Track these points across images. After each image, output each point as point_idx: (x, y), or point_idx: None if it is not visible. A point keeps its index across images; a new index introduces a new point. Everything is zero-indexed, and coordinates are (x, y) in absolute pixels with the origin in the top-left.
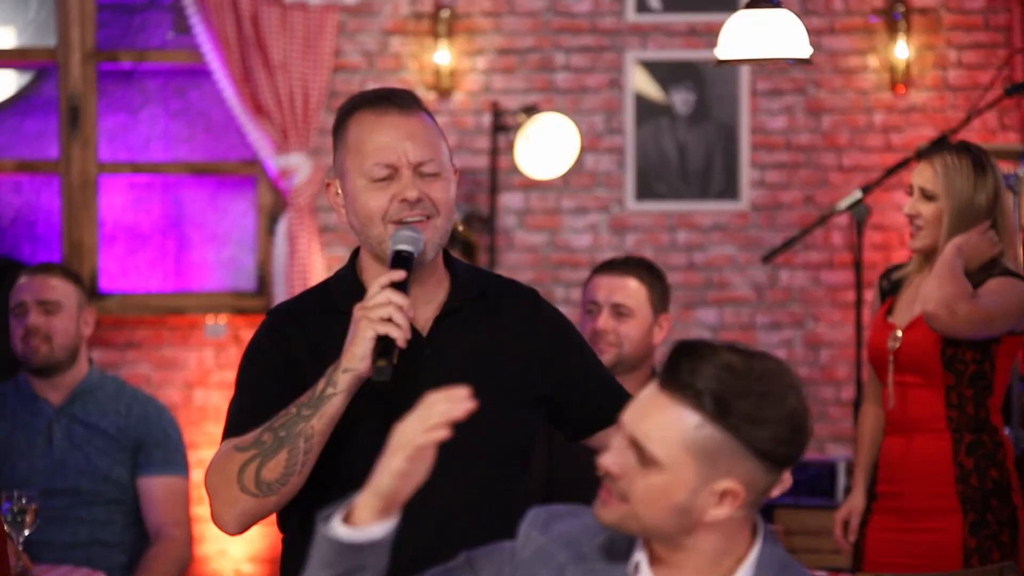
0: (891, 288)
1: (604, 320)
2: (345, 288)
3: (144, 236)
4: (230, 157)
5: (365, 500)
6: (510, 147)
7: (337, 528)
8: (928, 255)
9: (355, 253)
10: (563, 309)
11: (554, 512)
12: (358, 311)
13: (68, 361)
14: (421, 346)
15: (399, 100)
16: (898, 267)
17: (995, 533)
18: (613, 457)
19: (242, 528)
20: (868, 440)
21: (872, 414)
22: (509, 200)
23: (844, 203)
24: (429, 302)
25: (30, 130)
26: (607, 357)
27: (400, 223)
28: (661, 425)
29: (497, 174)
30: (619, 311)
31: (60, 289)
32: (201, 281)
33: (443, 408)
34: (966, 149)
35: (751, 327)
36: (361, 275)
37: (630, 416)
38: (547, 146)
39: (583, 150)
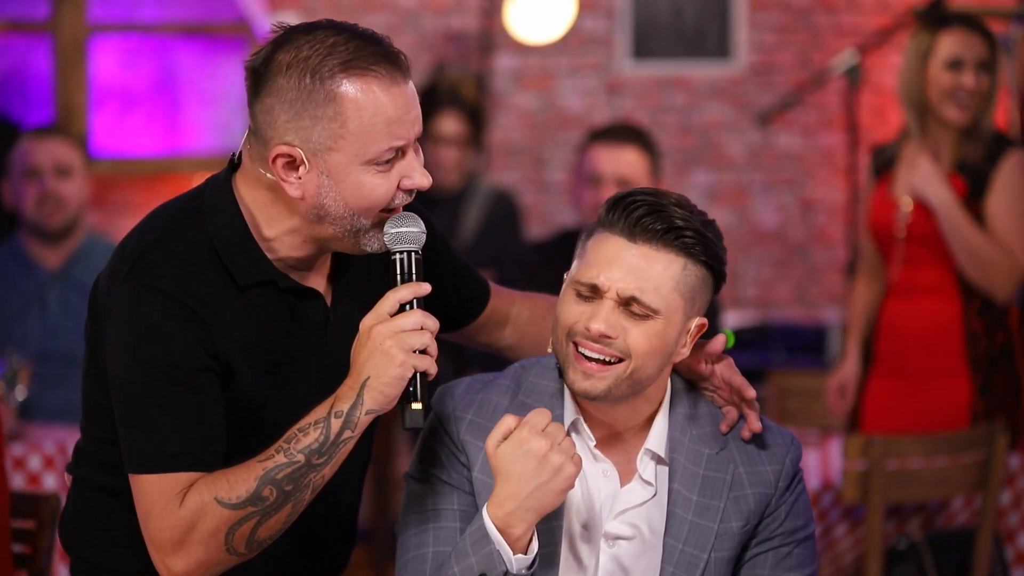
0: (885, 163)
1: (611, 194)
2: (241, 258)
3: (135, 97)
4: (221, 17)
5: (528, 524)
6: (503, 7)
7: (519, 561)
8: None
9: (226, 177)
10: (557, 173)
11: (464, 387)
12: (386, 338)
13: (75, 225)
14: (327, 314)
15: (397, 59)
16: (886, 146)
17: (1001, 397)
18: (604, 320)
19: None
20: (862, 311)
21: (866, 286)
22: (502, 62)
23: (840, 65)
24: (322, 265)
25: None
26: None
27: (387, 211)
28: (653, 276)
29: (492, 35)
30: (623, 183)
31: (72, 154)
32: (193, 142)
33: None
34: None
35: (745, 190)
36: (265, 238)
37: (612, 277)
38: (541, 5)
39: (576, 9)
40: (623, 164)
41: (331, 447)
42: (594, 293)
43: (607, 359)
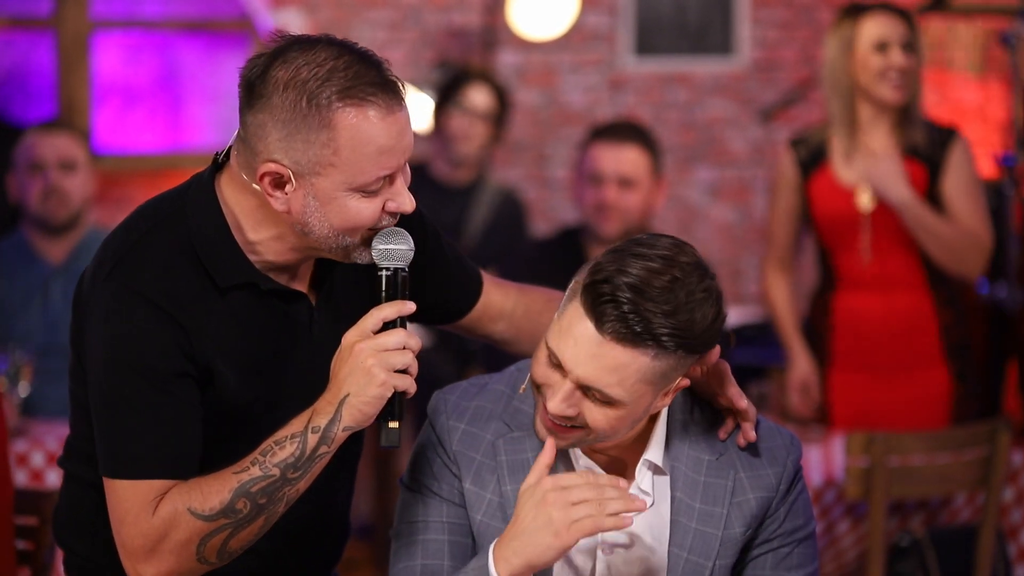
0: (813, 156)
1: (612, 194)
2: (222, 260)
3: (137, 94)
4: (224, 13)
5: (512, 569)
6: (506, 3)
7: None
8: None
9: (210, 177)
10: (560, 169)
11: (460, 393)
12: (368, 356)
13: (78, 219)
14: (311, 314)
15: (395, 87)
16: (806, 135)
17: (974, 385)
18: (563, 402)
19: None
20: (787, 305)
21: (782, 279)
22: (505, 58)
23: None
24: (307, 266)
25: None
26: (614, 227)
27: (372, 230)
28: (618, 370)
29: (495, 31)
30: (624, 182)
31: (76, 148)
32: (195, 139)
33: (618, 505)
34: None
35: (748, 186)
36: (249, 241)
37: (575, 363)
38: (544, 1)
39: (579, 5)
40: (624, 163)
41: (307, 462)
42: (559, 366)
43: (567, 425)
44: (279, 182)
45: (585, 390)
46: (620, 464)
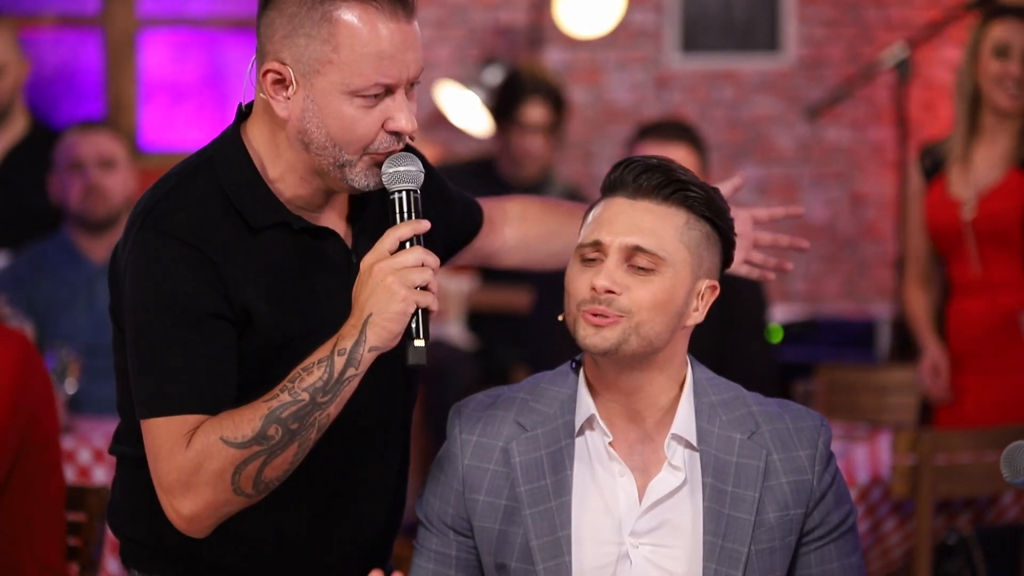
0: (935, 166)
1: None
2: (253, 201)
3: (184, 91)
4: None
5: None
6: (552, 1)
7: None
8: (1007, 117)
9: (236, 126)
10: (606, 167)
11: (474, 405)
12: (387, 275)
13: (119, 217)
14: (348, 254)
15: (404, 0)
16: (935, 145)
17: None
18: (608, 277)
19: (212, 530)
20: (925, 312)
21: (923, 291)
22: (551, 56)
23: (889, 59)
24: (338, 205)
25: None
26: None
27: (374, 152)
28: (655, 227)
29: (541, 29)
30: None
31: (115, 146)
32: None
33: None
34: None
35: (794, 184)
36: (271, 180)
37: (614, 234)
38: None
39: (625, 3)
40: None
41: (335, 385)
42: (598, 251)
43: (610, 314)
44: (282, 83)
45: (629, 258)
46: (650, 443)
